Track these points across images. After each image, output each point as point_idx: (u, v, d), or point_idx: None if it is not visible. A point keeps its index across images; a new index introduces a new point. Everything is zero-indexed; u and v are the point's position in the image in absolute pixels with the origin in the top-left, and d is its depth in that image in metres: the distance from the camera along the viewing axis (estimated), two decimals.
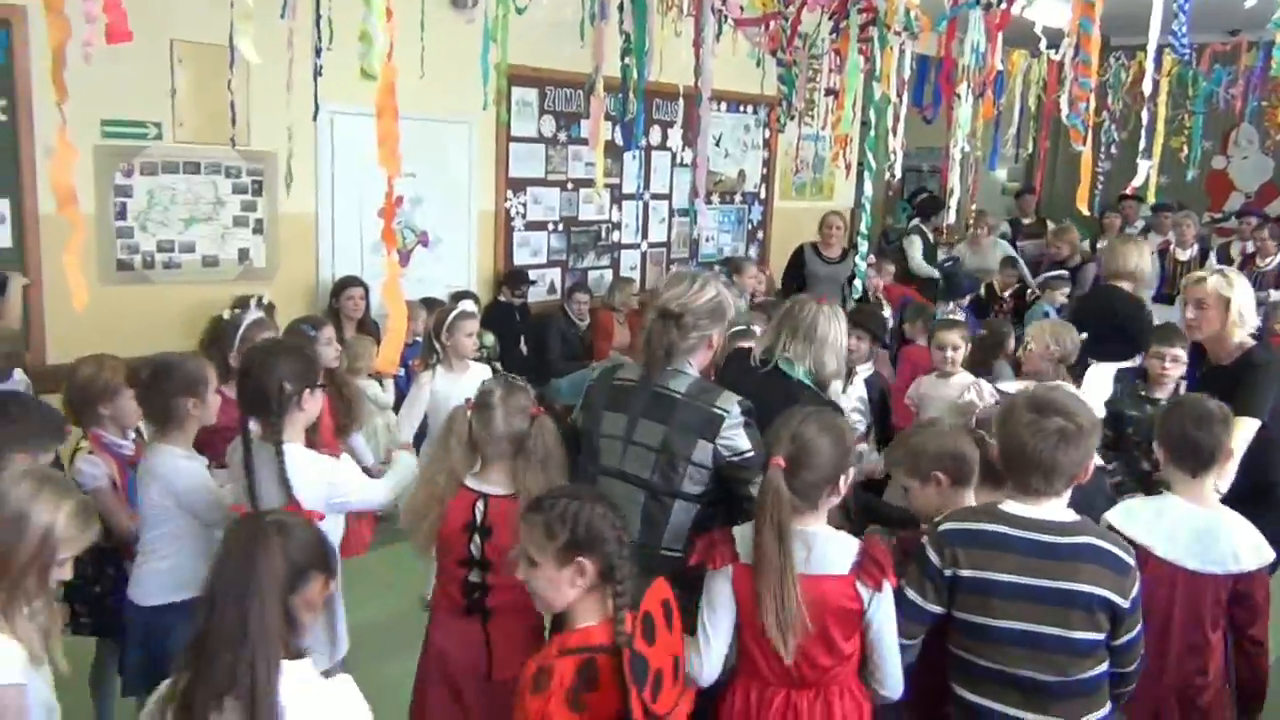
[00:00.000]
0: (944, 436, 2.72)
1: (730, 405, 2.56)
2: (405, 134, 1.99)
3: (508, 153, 7.04)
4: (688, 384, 2.61)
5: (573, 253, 7.66)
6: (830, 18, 4.23)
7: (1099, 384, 4.24)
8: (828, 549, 2.24)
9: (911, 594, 2.34)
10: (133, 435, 3.35)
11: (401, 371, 5.56)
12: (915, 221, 8.85)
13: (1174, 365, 3.87)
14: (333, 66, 4.85)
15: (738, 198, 9.00)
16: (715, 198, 8.68)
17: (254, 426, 2.72)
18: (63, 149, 1.88)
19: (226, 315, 3.84)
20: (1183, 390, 3.90)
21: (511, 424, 2.60)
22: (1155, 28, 3.57)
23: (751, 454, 2.54)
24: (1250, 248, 7.96)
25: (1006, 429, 2.34)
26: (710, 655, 2.24)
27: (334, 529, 2.75)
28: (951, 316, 6.40)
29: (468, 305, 4.61)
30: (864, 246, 4.03)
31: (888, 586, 2.24)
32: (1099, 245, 8.79)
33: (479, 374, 4.52)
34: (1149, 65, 4.05)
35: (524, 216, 7.27)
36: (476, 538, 2.56)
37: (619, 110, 5.13)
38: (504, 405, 2.60)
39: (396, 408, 5.07)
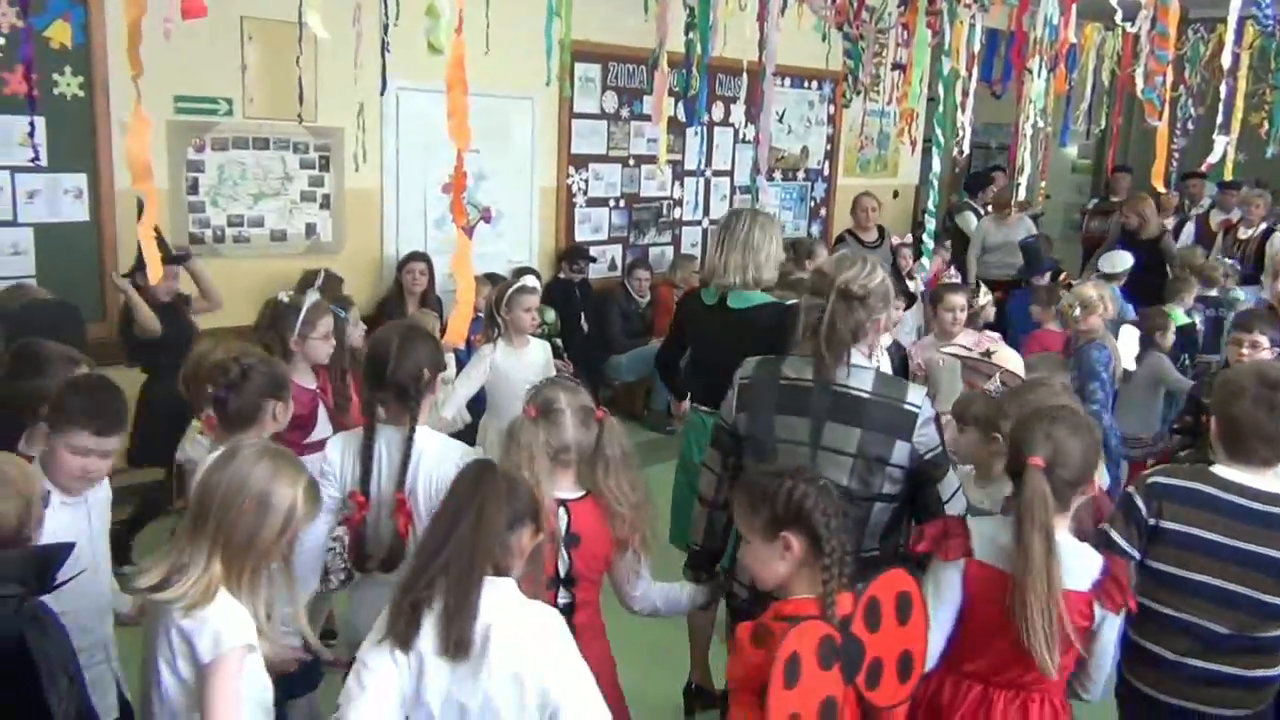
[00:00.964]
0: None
1: (919, 399, 2.51)
2: (470, 110, 2.02)
3: (570, 129, 7.05)
4: (870, 380, 2.51)
5: (634, 229, 7.65)
6: None
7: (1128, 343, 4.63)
8: (1072, 562, 2.16)
9: (1116, 537, 2.43)
10: None
11: (462, 345, 5.61)
12: (964, 198, 8.72)
13: (1253, 350, 3.85)
14: (398, 43, 4.89)
15: (800, 174, 8.91)
16: (778, 174, 8.61)
17: (380, 412, 2.67)
18: (138, 123, 1.91)
19: (284, 298, 3.69)
20: None
21: (582, 430, 2.53)
22: None
23: (941, 449, 2.53)
24: None
25: (1235, 402, 2.40)
26: (929, 646, 2.18)
27: None
28: (952, 280, 6.36)
29: (528, 280, 4.61)
30: (931, 224, 3.97)
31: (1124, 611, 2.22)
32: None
33: (538, 350, 4.55)
34: (1229, 38, 3.93)
35: (585, 193, 7.28)
36: (564, 551, 2.47)
37: (682, 86, 5.10)
38: (572, 410, 2.52)
39: None
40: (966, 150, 4.51)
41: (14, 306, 4.25)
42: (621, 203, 7.53)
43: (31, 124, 4.32)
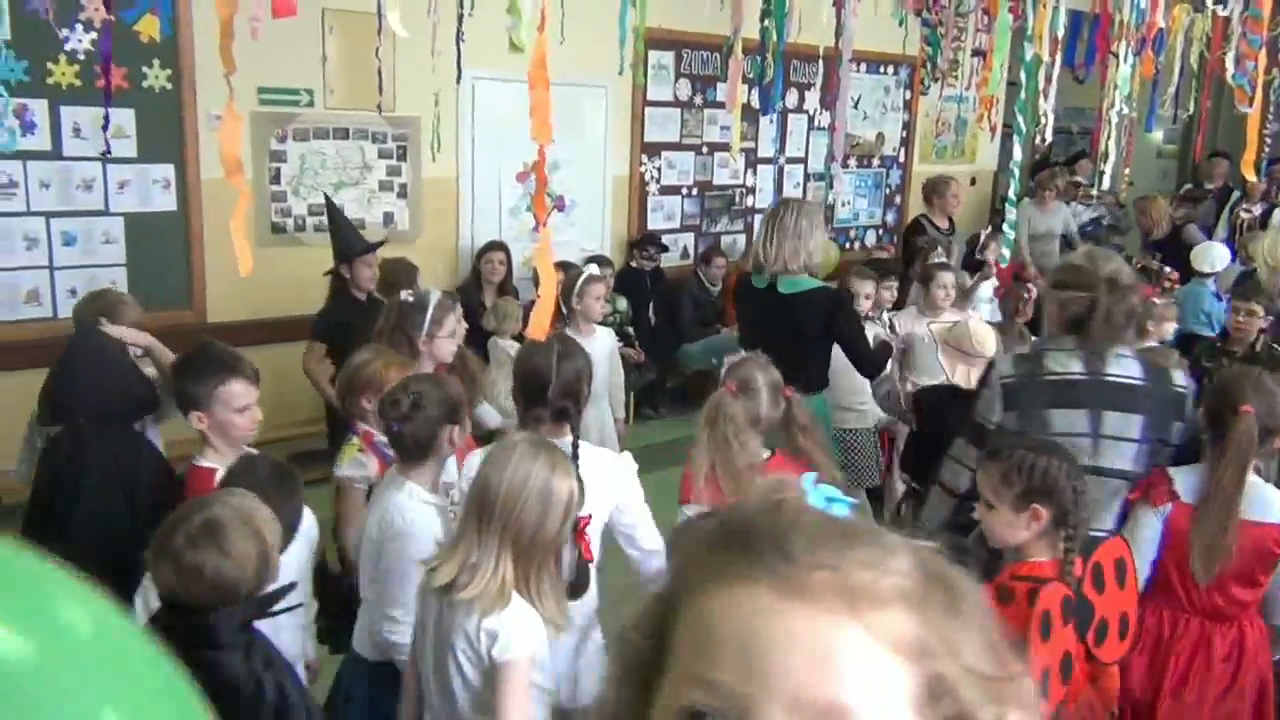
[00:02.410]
0: None
1: (1183, 379, 2.74)
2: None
3: (643, 116, 7.05)
4: (1137, 367, 2.67)
5: (706, 217, 7.63)
6: None
7: None
8: (1265, 495, 2.58)
9: None
10: None
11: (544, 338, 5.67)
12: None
13: (1249, 319, 4.26)
14: (473, 33, 4.93)
15: (875, 161, 8.80)
16: (852, 161, 8.51)
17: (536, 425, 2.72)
18: (230, 119, 1.96)
19: (409, 296, 3.57)
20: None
21: (773, 404, 2.80)
22: None
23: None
24: None
25: None
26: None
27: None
28: (941, 260, 6.26)
29: (594, 269, 4.64)
30: (1012, 214, 3.90)
31: None
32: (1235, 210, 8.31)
33: (604, 337, 4.58)
34: None
35: (658, 181, 7.28)
36: None
37: (756, 73, 5.07)
38: (766, 387, 2.80)
39: None
40: (1049, 139, 4.41)
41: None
42: (694, 190, 7.51)
43: (106, 117, 4.44)
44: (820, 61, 4.99)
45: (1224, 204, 9.09)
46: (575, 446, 2.64)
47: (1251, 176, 3.88)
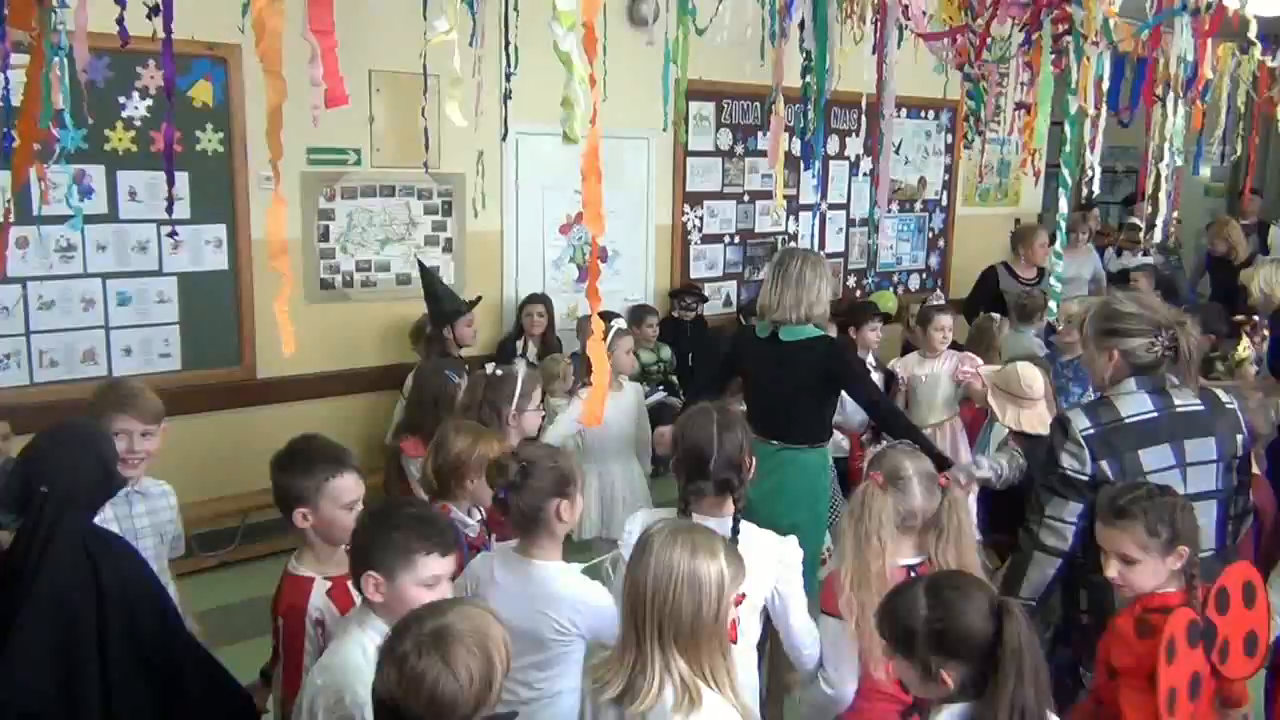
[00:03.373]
0: None
1: (1228, 395, 2.92)
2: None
3: (685, 166, 7.10)
4: (1192, 395, 2.82)
5: (749, 265, 7.65)
6: (1021, 29, 4.07)
7: None
8: None
9: None
10: (478, 515, 3.08)
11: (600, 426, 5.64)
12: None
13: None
14: (516, 87, 4.99)
15: (918, 205, 8.78)
16: (894, 205, 8.50)
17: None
18: (277, 206, 2.00)
19: (497, 370, 3.54)
20: None
21: (928, 496, 2.60)
22: None
23: None
24: None
25: None
26: None
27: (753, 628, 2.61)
28: (939, 302, 6.39)
29: (622, 322, 4.70)
30: (1059, 267, 3.86)
31: None
32: None
33: (631, 393, 4.57)
34: None
35: (700, 230, 7.31)
36: None
37: (798, 122, 5.08)
38: (918, 477, 2.60)
39: None
40: (1096, 191, 4.37)
41: None
42: (736, 239, 7.54)
43: (170, 182, 4.53)
44: (862, 107, 4.99)
45: (1263, 238, 9.01)
46: (736, 521, 2.58)
47: None
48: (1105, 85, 4.01)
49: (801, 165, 7.17)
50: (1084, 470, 2.73)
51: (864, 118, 4.75)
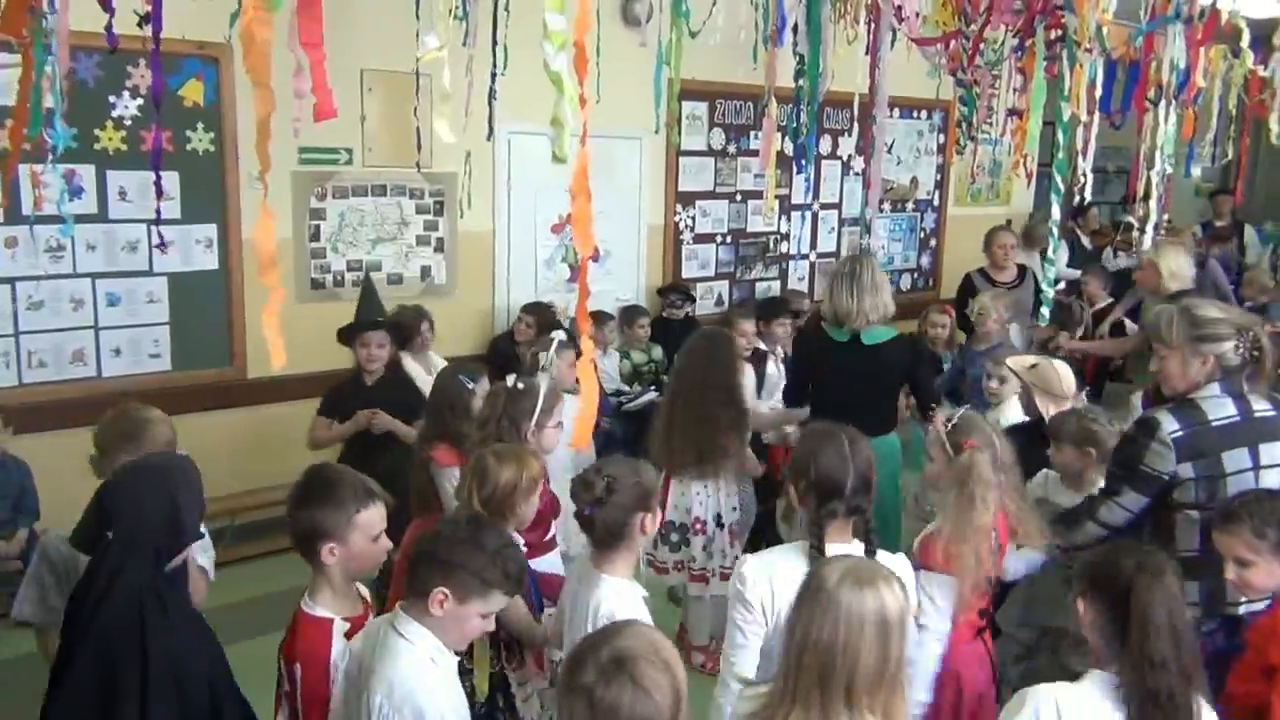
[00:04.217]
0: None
1: None
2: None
3: (677, 166, 7.09)
4: (1266, 401, 2.97)
5: (740, 265, 7.64)
6: (1015, 35, 4.07)
7: None
8: None
9: None
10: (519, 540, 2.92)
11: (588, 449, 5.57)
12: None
13: None
14: (507, 86, 4.98)
15: (910, 205, 8.78)
16: (886, 205, 8.50)
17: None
18: (265, 219, 1.98)
19: (519, 384, 3.44)
20: None
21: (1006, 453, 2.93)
22: None
23: None
24: None
25: None
26: None
27: None
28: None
29: (562, 335, 4.67)
30: (1050, 272, 3.87)
31: None
32: None
33: (571, 407, 4.56)
34: None
35: (692, 230, 7.31)
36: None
37: (790, 122, 5.08)
38: (999, 438, 2.93)
39: None
40: (1089, 197, 4.38)
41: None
42: (728, 238, 7.53)
43: (158, 182, 4.50)
44: (854, 107, 4.98)
45: (1240, 239, 9.11)
46: (870, 545, 2.52)
47: None
48: (1099, 92, 4.01)
49: (794, 166, 7.18)
50: (1166, 470, 2.88)
51: (855, 108, 4.74)
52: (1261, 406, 2.95)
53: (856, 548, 2.52)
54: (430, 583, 2.13)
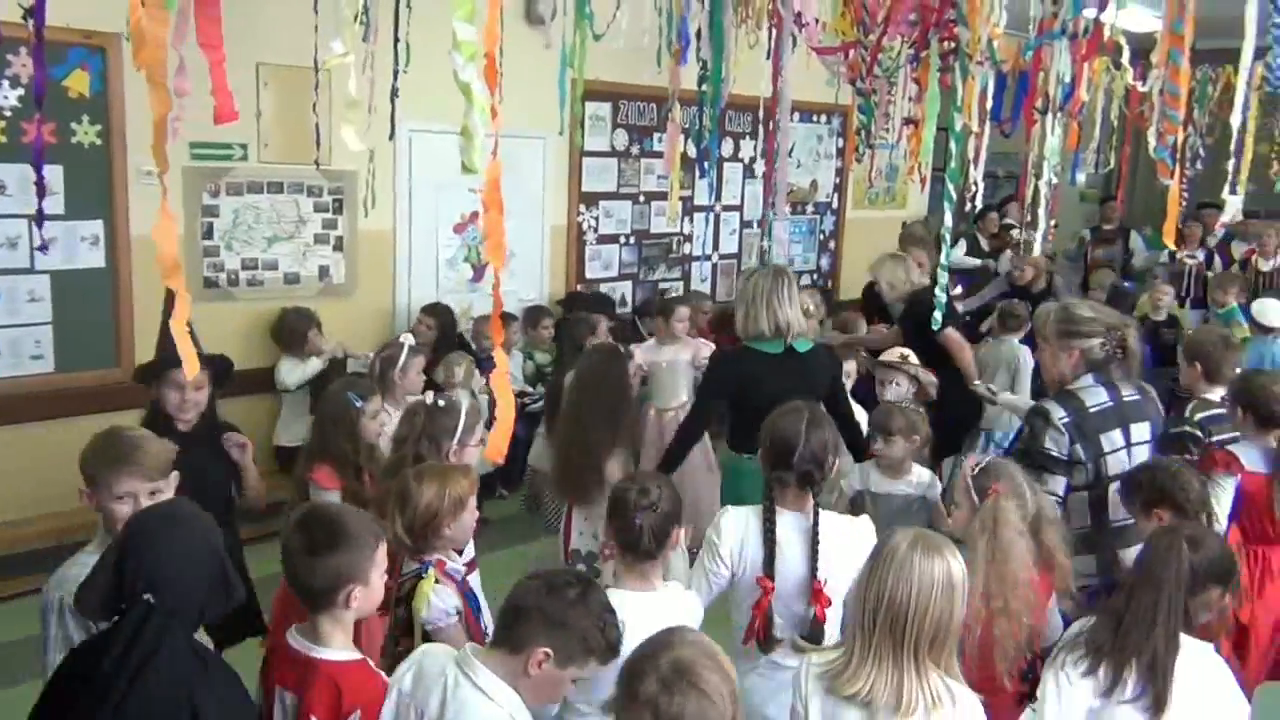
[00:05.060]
0: None
1: (1145, 385, 3.45)
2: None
3: (581, 167, 7.08)
4: (1131, 387, 3.35)
5: (644, 265, 7.67)
6: (910, 46, 4.17)
7: None
8: None
9: None
10: (461, 559, 2.88)
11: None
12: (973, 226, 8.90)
13: None
14: (409, 85, 4.91)
15: (810, 208, 8.93)
16: (787, 208, 8.62)
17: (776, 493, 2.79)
18: (165, 222, 1.91)
19: (438, 401, 3.35)
20: None
21: (1032, 498, 2.86)
22: (1250, 39, 3.39)
23: None
24: None
25: None
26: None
27: None
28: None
29: (411, 338, 4.67)
30: (943, 278, 3.97)
31: None
32: (1178, 255, 8.65)
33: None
34: (1240, 82, 3.90)
35: (596, 230, 7.31)
36: None
37: (693, 124, 5.12)
38: (1027, 483, 2.87)
39: None
40: (980, 204, 4.52)
41: None
42: (631, 239, 7.55)
43: (40, 177, 4.32)
44: (759, 110, 5.05)
45: (1125, 244, 9.54)
46: (816, 513, 2.76)
47: (1172, 246, 4.01)
48: (990, 103, 4.15)
49: (697, 168, 7.24)
50: (1063, 452, 3.18)
51: (761, 125, 4.81)
52: (1129, 392, 3.31)
53: (805, 519, 2.76)
54: (532, 640, 2.01)
